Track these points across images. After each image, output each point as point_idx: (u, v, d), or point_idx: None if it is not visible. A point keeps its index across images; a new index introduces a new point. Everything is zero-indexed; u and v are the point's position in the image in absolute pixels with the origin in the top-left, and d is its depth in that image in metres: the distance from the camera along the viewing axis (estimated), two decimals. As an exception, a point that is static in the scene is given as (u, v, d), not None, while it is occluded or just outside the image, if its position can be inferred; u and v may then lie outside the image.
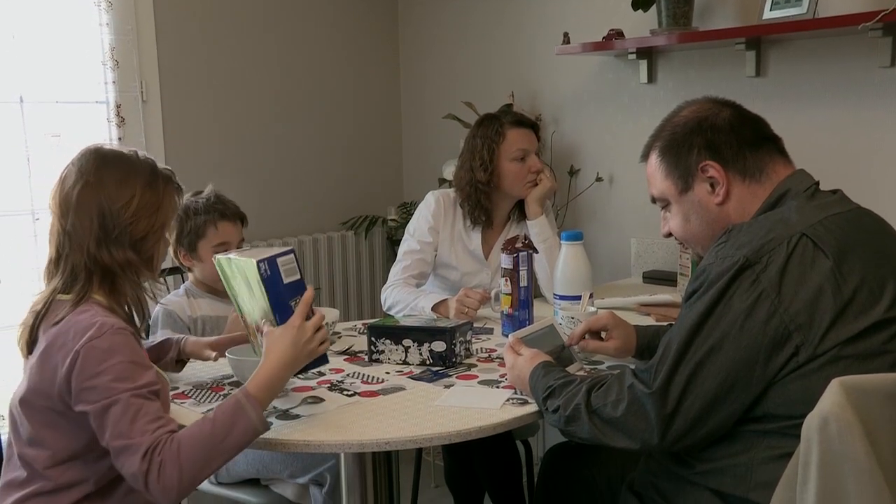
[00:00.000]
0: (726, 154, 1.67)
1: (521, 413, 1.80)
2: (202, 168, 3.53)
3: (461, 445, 2.44)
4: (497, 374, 2.05)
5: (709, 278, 1.54)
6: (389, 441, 1.67)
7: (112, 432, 1.58)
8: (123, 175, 1.76)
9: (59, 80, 3.21)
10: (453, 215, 2.94)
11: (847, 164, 2.84)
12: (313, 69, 3.99)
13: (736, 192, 1.67)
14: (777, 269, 1.49)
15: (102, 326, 1.63)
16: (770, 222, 1.57)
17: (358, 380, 2.05)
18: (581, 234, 2.35)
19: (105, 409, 1.58)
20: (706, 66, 3.16)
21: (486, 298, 2.57)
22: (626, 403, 1.57)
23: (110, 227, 1.72)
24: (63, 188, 1.77)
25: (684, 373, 1.52)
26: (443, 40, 4.10)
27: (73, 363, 1.61)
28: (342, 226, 4.08)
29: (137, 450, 1.55)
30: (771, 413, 1.50)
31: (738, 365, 1.49)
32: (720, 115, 1.70)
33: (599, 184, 3.53)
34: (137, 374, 1.62)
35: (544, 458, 2.26)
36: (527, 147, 2.85)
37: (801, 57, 2.93)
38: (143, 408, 1.59)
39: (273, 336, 1.72)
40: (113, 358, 1.61)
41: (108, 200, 1.72)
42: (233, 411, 1.60)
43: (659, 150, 1.76)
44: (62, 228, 1.74)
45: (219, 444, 1.58)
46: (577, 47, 3.30)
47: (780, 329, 1.47)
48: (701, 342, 1.52)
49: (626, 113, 3.42)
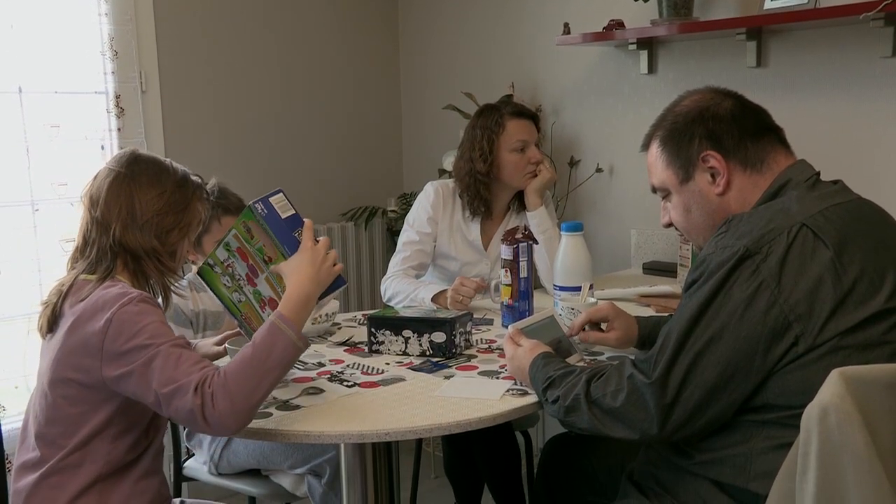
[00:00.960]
0: (727, 144, 1.66)
1: (520, 404, 1.80)
2: (201, 159, 3.52)
3: (461, 436, 2.45)
4: (497, 365, 2.05)
5: (709, 268, 1.54)
6: (389, 432, 1.68)
7: (159, 380, 1.61)
8: (156, 172, 1.85)
9: (58, 71, 3.20)
10: (452, 206, 2.94)
11: (847, 154, 2.84)
12: (313, 59, 3.99)
13: (737, 182, 1.66)
14: (777, 259, 1.49)
15: (131, 295, 1.70)
16: (770, 212, 1.56)
17: (358, 371, 2.05)
18: (581, 225, 2.35)
19: (148, 364, 1.63)
20: (707, 57, 3.15)
21: (482, 287, 2.57)
22: (625, 393, 1.57)
23: (138, 215, 1.80)
24: (95, 182, 1.85)
25: (684, 363, 1.52)
26: (443, 30, 4.09)
27: (106, 330, 1.66)
28: (342, 217, 4.08)
29: (188, 388, 1.58)
30: (770, 403, 1.50)
31: (737, 355, 1.49)
32: (722, 104, 1.69)
33: (599, 175, 3.53)
34: (170, 331, 1.70)
35: (544, 448, 2.26)
36: (526, 138, 2.85)
37: (802, 47, 2.92)
38: (183, 355, 1.64)
39: (290, 264, 1.76)
40: (146, 318, 1.67)
41: (139, 191, 1.81)
42: (270, 332, 1.64)
43: (660, 140, 1.75)
44: (90, 217, 1.82)
45: (262, 364, 1.60)
46: (578, 38, 3.30)
47: (780, 319, 1.47)
48: (700, 332, 1.52)
49: (627, 104, 3.42)
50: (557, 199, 3.59)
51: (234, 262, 1.87)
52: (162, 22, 3.45)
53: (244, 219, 1.81)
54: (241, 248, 1.85)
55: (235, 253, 1.86)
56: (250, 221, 1.81)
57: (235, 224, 1.83)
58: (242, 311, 1.92)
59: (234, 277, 1.89)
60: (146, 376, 1.63)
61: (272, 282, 1.85)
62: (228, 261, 1.88)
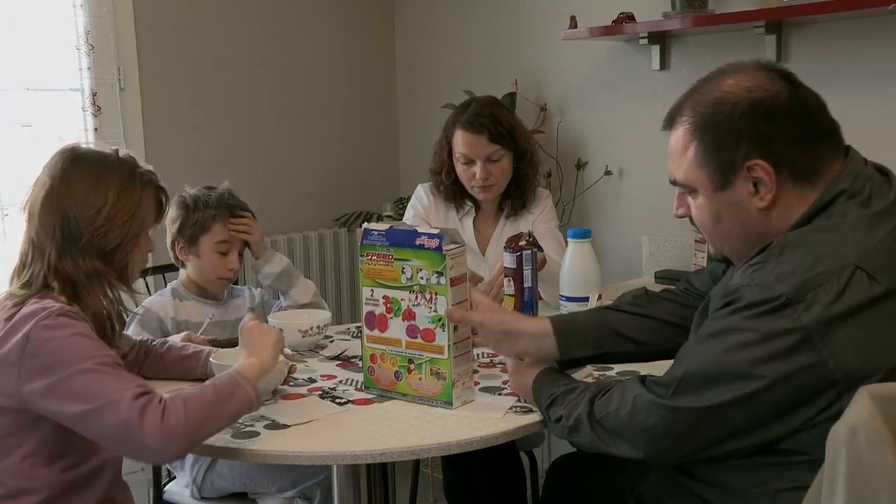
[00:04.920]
0: (779, 151, 1.50)
1: (524, 422, 1.79)
2: (184, 161, 3.53)
3: (461, 457, 2.43)
4: (499, 381, 2.05)
5: (740, 305, 1.44)
6: (385, 452, 1.67)
7: (83, 397, 1.59)
8: (94, 179, 1.76)
9: (29, 66, 3.20)
10: (445, 208, 2.95)
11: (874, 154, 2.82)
12: (303, 54, 3.99)
13: (783, 197, 1.52)
14: (823, 309, 1.38)
15: (51, 308, 1.66)
16: (819, 248, 1.44)
17: (351, 387, 2.04)
18: (589, 232, 2.35)
19: (69, 381, 1.60)
20: (723, 52, 3.15)
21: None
22: (630, 412, 1.54)
23: (76, 236, 1.73)
24: (32, 193, 1.79)
25: (706, 400, 1.45)
26: (442, 23, 4.10)
27: (24, 346, 1.63)
28: (334, 223, 4.08)
29: (120, 401, 1.57)
30: (801, 451, 1.44)
31: (768, 408, 1.42)
32: (777, 96, 1.51)
33: (608, 178, 3.52)
34: (96, 345, 1.66)
35: (549, 470, 2.26)
36: (467, 153, 2.84)
37: (825, 41, 2.92)
38: (112, 372, 1.63)
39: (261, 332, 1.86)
40: (65, 331, 1.64)
41: (75, 207, 1.74)
42: (232, 383, 1.68)
43: (693, 128, 1.57)
44: (27, 236, 1.77)
45: (220, 406, 1.64)
46: (585, 32, 3.30)
47: (824, 377, 1.38)
48: (729, 378, 1.43)
49: (637, 102, 3.41)
50: (564, 203, 3.58)
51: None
52: (142, 14, 3.45)
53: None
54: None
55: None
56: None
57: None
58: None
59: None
60: (68, 395, 1.60)
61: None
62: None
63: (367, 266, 1.90)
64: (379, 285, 1.90)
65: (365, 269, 1.91)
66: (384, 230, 1.87)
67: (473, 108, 2.89)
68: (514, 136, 2.89)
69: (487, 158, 2.84)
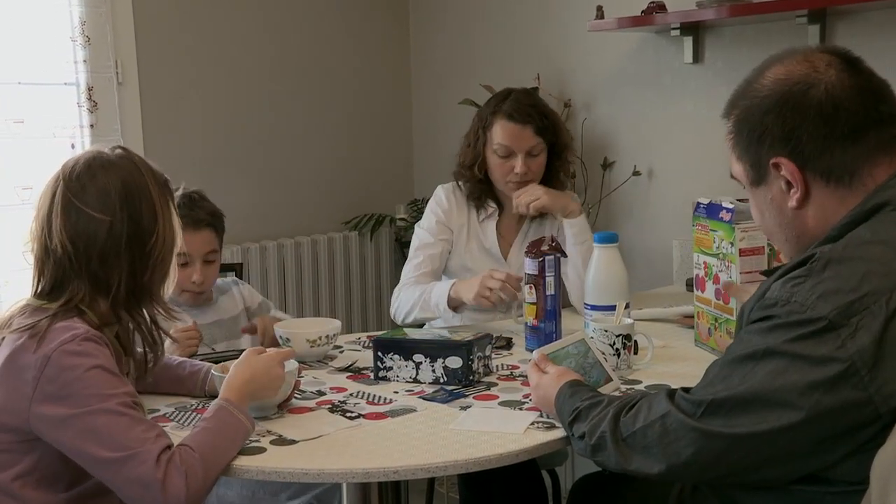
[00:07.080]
0: (807, 149, 1.49)
1: (547, 439, 1.79)
2: (185, 159, 3.54)
3: (479, 475, 2.44)
4: (520, 395, 2.05)
5: (778, 322, 1.41)
6: (398, 469, 1.67)
7: (108, 444, 1.64)
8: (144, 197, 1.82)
9: (21, 59, 3.22)
10: (466, 210, 2.95)
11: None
12: (312, 47, 4.00)
13: (817, 196, 1.51)
14: (871, 337, 1.34)
15: (76, 331, 1.70)
16: (865, 264, 1.40)
17: (362, 400, 2.05)
18: (616, 236, 2.35)
19: (89, 419, 1.65)
20: (762, 44, 3.14)
21: (514, 288, 2.54)
22: (658, 431, 1.53)
23: (118, 252, 1.78)
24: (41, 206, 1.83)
25: (739, 429, 1.43)
26: (459, 14, 4.11)
27: (43, 367, 1.66)
28: (344, 226, 4.08)
29: (147, 457, 1.63)
30: (845, 480, 1.41)
31: (805, 440, 1.40)
32: (816, 86, 1.49)
33: (637, 178, 3.52)
34: (117, 382, 1.71)
35: (572, 490, 2.26)
36: (509, 144, 2.83)
37: (872, 31, 2.91)
38: (135, 417, 1.68)
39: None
40: (89, 362, 1.68)
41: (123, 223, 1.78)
42: (225, 416, 1.75)
43: (735, 121, 1.59)
44: (51, 245, 1.78)
45: (226, 451, 1.70)
46: (613, 23, 3.30)
47: (869, 410, 1.35)
48: (763, 404, 1.41)
49: (668, 97, 3.40)
50: (589, 206, 3.59)
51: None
52: (141, 4, 3.47)
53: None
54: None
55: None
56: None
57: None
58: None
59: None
60: (88, 433, 1.65)
61: None
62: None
63: (697, 235, 2.35)
64: (702, 252, 2.33)
65: (695, 237, 2.35)
66: (706, 203, 2.28)
67: (515, 97, 2.89)
68: (557, 131, 2.91)
69: (528, 152, 2.84)
